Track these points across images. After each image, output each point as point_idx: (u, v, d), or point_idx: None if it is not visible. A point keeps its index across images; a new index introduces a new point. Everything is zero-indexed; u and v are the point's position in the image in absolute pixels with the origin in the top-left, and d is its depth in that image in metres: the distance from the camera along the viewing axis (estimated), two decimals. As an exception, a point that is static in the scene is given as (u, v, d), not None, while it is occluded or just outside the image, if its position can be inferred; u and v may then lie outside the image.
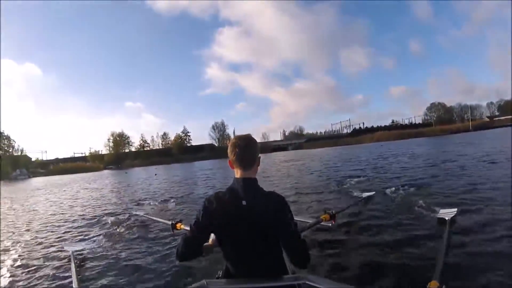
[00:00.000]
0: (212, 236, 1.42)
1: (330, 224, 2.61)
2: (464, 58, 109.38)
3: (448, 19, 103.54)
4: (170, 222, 2.78)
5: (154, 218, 5.12)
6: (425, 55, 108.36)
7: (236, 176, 1.34)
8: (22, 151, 59.48)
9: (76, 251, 3.95)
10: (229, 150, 1.34)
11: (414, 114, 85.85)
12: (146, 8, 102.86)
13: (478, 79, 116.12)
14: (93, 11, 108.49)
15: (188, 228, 1.49)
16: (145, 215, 5.80)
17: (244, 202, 1.24)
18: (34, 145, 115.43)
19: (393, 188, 6.62)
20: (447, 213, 3.91)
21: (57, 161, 66.02)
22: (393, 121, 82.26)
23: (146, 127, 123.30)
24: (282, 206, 1.30)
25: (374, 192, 6.20)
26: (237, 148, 1.31)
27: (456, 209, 4.01)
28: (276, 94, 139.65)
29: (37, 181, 31.16)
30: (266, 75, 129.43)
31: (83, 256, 3.94)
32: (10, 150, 56.08)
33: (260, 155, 1.38)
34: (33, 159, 61.80)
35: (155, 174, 24.39)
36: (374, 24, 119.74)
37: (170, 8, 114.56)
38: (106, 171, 48.59)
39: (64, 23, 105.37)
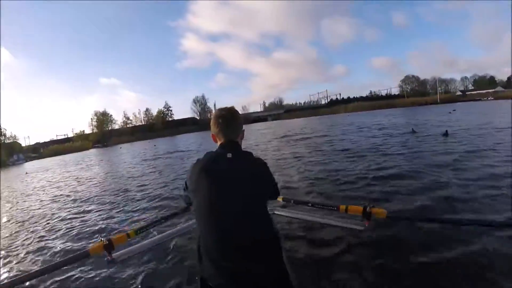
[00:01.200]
0: None
1: (362, 227, 1.62)
2: (447, 32, 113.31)
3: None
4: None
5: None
6: (408, 27, 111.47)
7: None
8: (14, 137, 60.83)
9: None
10: (212, 123, 1.33)
11: (393, 85, 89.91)
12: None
13: (460, 52, 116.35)
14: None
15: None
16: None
17: (229, 155, 1.24)
18: (15, 130, 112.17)
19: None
20: None
21: (45, 144, 66.99)
22: (370, 92, 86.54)
23: (126, 104, 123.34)
24: (266, 169, 1.31)
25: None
26: (221, 119, 1.29)
27: None
28: (257, 65, 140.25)
29: (36, 164, 33.33)
30: (246, 46, 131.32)
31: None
32: (2, 138, 57.12)
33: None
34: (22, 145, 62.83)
35: (154, 145, 27.83)
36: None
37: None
38: (93, 150, 50.27)
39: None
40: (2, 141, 56.04)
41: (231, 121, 1.30)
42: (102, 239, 1.52)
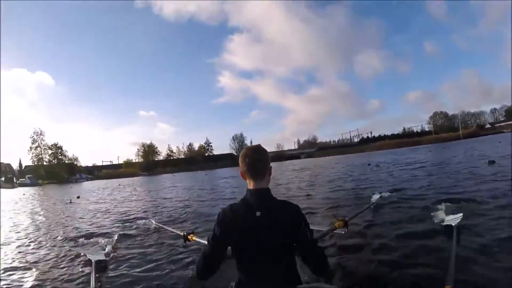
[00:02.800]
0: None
1: (344, 232, 2.61)
2: (480, 58, 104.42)
3: (463, 16, 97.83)
4: (182, 233, 2.91)
5: (167, 227, 4.89)
6: (441, 56, 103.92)
7: (249, 187, 1.34)
8: (76, 159, 71.50)
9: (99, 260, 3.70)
10: (240, 161, 1.35)
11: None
12: (154, 15, 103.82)
13: (495, 80, 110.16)
14: (101, 18, 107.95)
15: (200, 240, 1.85)
16: (158, 224, 5.74)
17: (258, 213, 1.25)
18: (75, 152, 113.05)
19: (391, 193, 7.11)
20: (453, 219, 3.79)
21: (96, 168, 76.40)
22: (404, 129, 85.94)
23: (161, 136, 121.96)
24: (297, 215, 1.31)
25: (379, 196, 6.56)
26: (248, 158, 1.31)
27: (461, 214, 3.83)
28: (290, 101, 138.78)
29: (96, 183, 39.07)
30: (278, 82, 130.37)
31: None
32: (63, 159, 66.38)
33: (272, 163, 1.40)
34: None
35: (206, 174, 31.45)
36: (388, 25, 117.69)
37: (178, 16, 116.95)
38: (140, 177, 55.14)
39: (74, 31, 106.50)
40: (63, 161, 65.06)
41: (257, 159, 1.33)
42: (184, 232, 2.26)
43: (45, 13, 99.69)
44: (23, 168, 65.00)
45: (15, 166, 67.38)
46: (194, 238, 2.79)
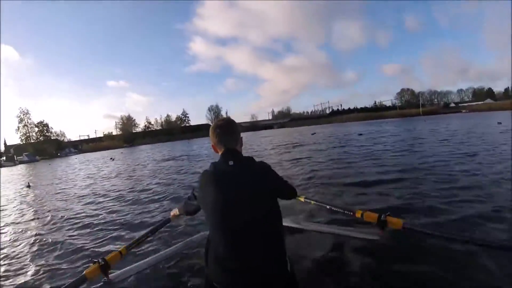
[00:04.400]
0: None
1: (377, 237, 1.64)
2: (460, 36, 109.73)
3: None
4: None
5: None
6: (421, 31, 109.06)
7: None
8: (63, 135, 74.20)
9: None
10: (210, 134, 1.38)
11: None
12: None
13: (473, 59, 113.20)
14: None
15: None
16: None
17: (231, 162, 1.28)
18: (62, 128, 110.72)
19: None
20: None
21: (78, 142, 77.85)
22: (375, 102, 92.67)
23: (134, 107, 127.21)
24: (268, 167, 1.36)
25: None
26: (218, 129, 1.35)
27: None
28: (266, 70, 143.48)
29: (88, 156, 41.80)
30: (254, 50, 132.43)
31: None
32: (50, 135, 68.48)
33: (246, 133, 4.48)
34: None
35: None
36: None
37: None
38: (123, 149, 57.00)
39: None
40: (50, 137, 67.08)
41: (227, 131, 1.35)
42: (96, 260, 1.52)
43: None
44: (7, 146, 65.99)
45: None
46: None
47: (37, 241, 4.28)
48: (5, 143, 67.05)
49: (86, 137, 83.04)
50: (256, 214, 1.24)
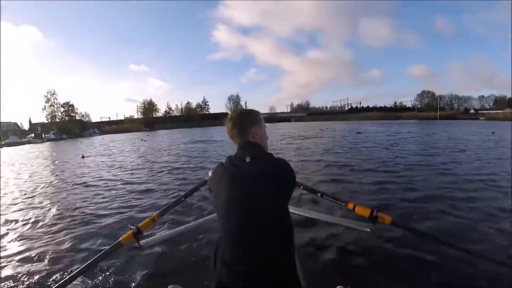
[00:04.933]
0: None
1: (369, 229, 1.69)
2: (491, 44, 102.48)
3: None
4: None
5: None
6: (451, 36, 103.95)
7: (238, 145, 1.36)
8: (88, 116, 78.51)
9: None
10: (226, 127, 1.38)
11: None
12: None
13: (500, 67, 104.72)
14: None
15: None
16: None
17: (247, 159, 1.25)
18: (87, 109, 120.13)
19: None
20: None
21: (102, 123, 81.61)
22: (395, 103, 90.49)
23: (154, 92, 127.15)
24: (287, 166, 1.30)
25: None
26: (232, 121, 1.35)
27: None
28: (288, 62, 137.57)
29: (113, 137, 44.54)
30: (278, 41, 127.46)
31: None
32: (74, 116, 72.03)
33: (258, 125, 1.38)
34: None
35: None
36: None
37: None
38: (144, 132, 59.67)
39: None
40: (74, 117, 70.96)
41: (241, 121, 1.35)
42: (132, 227, 1.65)
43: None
44: (32, 124, 70.34)
45: (25, 123, 72.55)
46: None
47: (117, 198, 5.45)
48: (30, 121, 71.54)
49: (107, 119, 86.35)
50: (269, 218, 1.19)
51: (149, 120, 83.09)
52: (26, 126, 71.42)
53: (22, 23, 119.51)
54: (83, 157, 13.55)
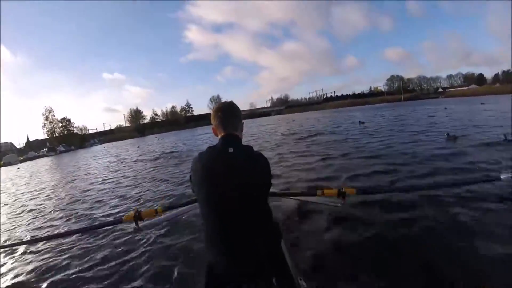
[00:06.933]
0: None
1: (340, 204, 1.90)
2: (464, 21, 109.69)
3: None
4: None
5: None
6: (424, 16, 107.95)
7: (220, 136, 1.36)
8: (85, 128, 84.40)
9: None
10: (212, 116, 1.38)
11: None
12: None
13: (476, 44, 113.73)
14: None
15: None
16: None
17: (230, 149, 1.27)
18: (82, 123, 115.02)
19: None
20: None
21: (94, 134, 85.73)
22: (370, 88, 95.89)
23: (133, 99, 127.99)
24: (265, 160, 1.33)
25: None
26: (220, 112, 1.35)
27: None
28: (265, 57, 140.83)
29: (113, 145, 49.29)
30: (253, 37, 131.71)
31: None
32: (72, 129, 77.08)
33: (243, 120, 1.41)
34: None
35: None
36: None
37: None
38: (135, 139, 62.75)
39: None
40: (72, 131, 76.10)
41: (229, 114, 1.36)
42: (134, 210, 1.82)
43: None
44: (29, 142, 74.80)
45: (21, 142, 76.18)
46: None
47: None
48: (27, 139, 75.66)
49: (95, 131, 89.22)
50: (251, 204, 1.24)
51: (139, 127, 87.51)
52: (17, 145, 75.35)
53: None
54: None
